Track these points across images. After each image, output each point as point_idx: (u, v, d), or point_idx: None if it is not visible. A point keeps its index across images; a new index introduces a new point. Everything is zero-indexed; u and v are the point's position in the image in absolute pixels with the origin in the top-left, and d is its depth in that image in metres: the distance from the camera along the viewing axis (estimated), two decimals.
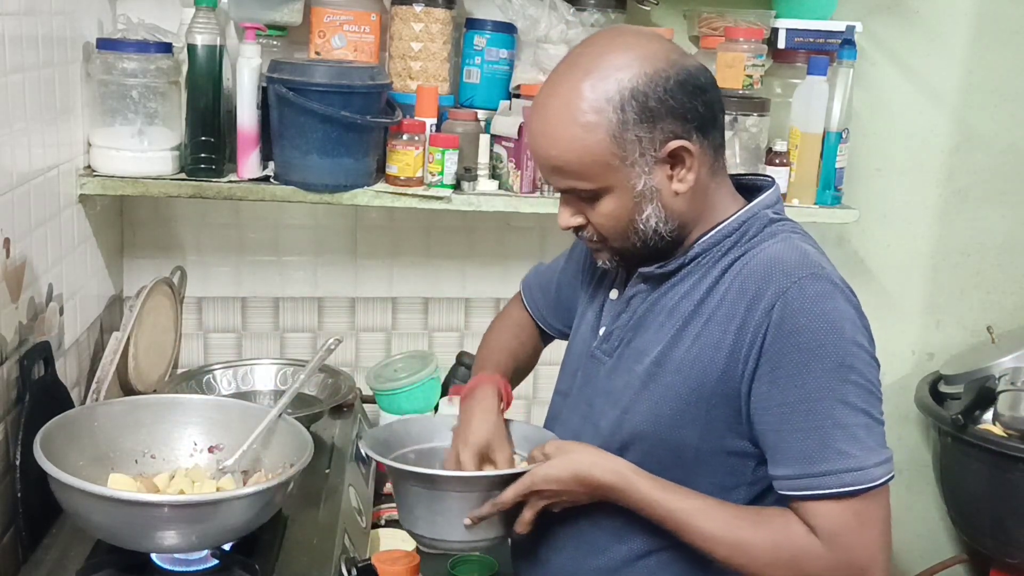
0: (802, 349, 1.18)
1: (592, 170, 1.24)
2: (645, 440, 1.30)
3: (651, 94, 1.21)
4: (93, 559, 1.41)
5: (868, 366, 1.21)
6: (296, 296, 2.33)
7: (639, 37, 1.28)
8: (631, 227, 1.27)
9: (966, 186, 2.53)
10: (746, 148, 2.11)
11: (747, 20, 2.16)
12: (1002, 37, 2.46)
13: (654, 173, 1.24)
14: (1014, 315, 2.61)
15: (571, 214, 1.31)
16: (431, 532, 1.39)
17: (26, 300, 1.59)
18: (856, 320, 1.22)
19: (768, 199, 1.33)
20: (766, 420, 1.22)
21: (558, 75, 1.26)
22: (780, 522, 1.21)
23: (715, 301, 1.26)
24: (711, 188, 1.29)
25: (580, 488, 1.29)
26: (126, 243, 2.24)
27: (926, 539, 2.71)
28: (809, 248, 1.27)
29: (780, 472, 1.21)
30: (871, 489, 1.18)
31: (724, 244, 1.29)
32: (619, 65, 1.22)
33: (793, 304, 1.19)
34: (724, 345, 1.24)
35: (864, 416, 1.19)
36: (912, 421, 2.65)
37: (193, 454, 1.57)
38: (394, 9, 2.09)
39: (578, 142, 1.23)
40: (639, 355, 1.32)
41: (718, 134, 1.28)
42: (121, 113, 1.89)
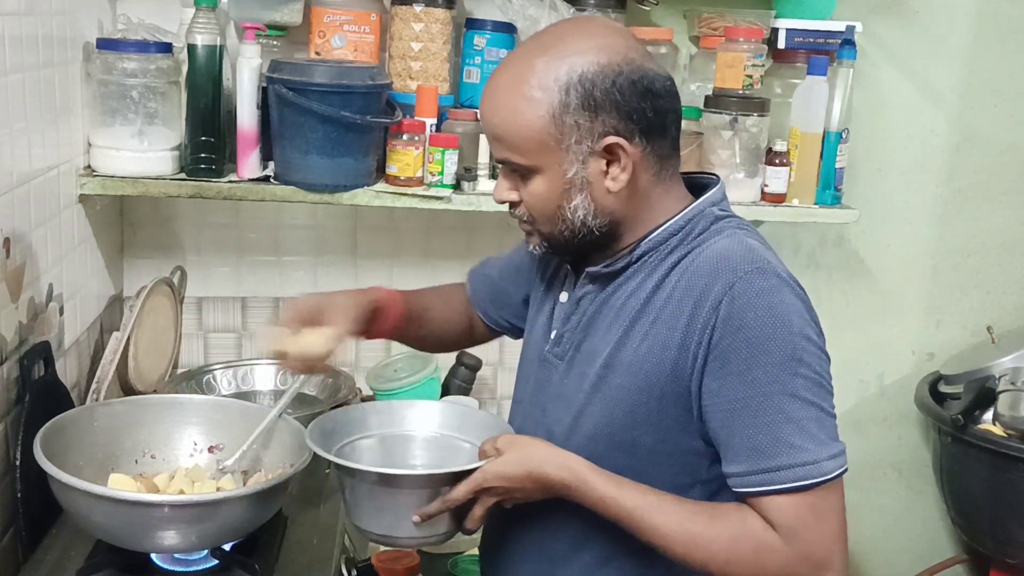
0: (750, 344, 1.18)
1: (527, 146, 1.24)
2: (598, 443, 1.29)
3: (598, 84, 1.21)
4: (93, 559, 1.41)
5: (817, 359, 1.20)
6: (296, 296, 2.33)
7: (605, 28, 1.29)
8: (559, 213, 1.27)
9: (966, 186, 2.53)
10: (746, 148, 2.11)
11: (747, 20, 2.16)
12: (1002, 37, 2.46)
13: (588, 164, 1.24)
14: (1014, 315, 2.61)
15: (507, 188, 1.31)
16: (379, 528, 1.36)
17: (26, 300, 1.59)
18: (804, 313, 1.21)
19: (714, 196, 1.32)
20: (717, 417, 1.21)
21: (520, 48, 1.29)
22: (737, 516, 1.20)
23: (662, 299, 1.26)
24: (654, 193, 1.29)
25: (532, 485, 1.27)
26: (126, 243, 2.24)
27: (926, 539, 2.71)
28: (755, 243, 1.26)
29: (733, 469, 1.20)
30: (825, 482, 1.17)
31: (670, 242, 1.28)
32: (576, 50, 1.22)
33: (740, 299, 1.19)
34: (672, 343, 1.23)
35: (814, 409, 1.18)
36: (912, 421, 2.65)
37: (193, 454, 1.57)
38: (394, 9, 2.09)
39: (519, 115, 1.23)
40: (590, 357, 1.31)
41: (666, 144, 1.27)
42: (121, 113, 1.89)
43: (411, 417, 1.49)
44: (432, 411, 1.50)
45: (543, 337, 1.41)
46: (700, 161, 2.10)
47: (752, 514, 1.19)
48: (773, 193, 2.13)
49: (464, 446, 1.44)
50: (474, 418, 1.49)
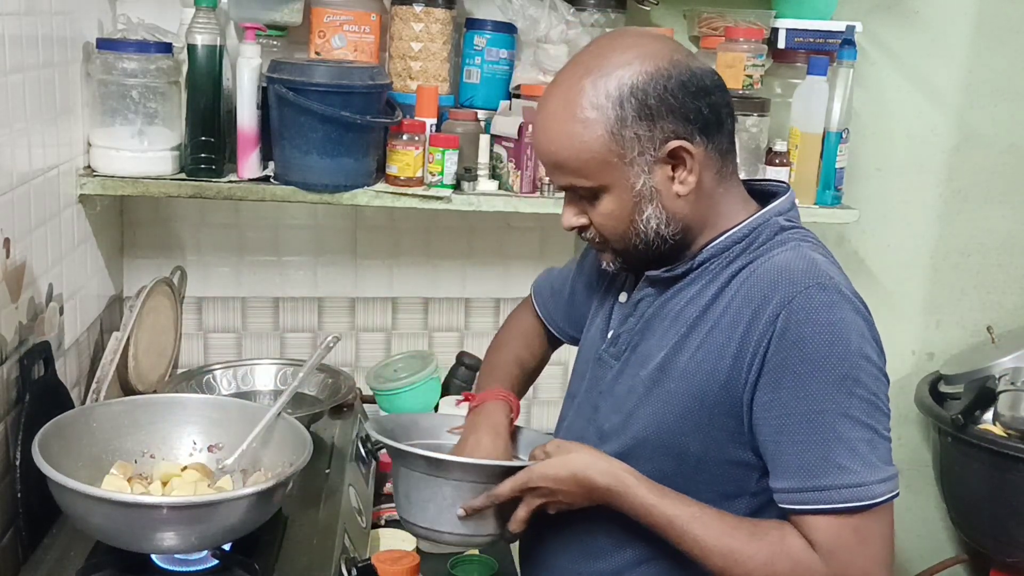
0: (806, 360, 1.17)
1: (590, 167, 1.24)
2: (647, 446, 1.29)
3: (651, 92, 1.21)
4: (93, 559, 1.41)
5: (875, 380, 1.19)
6: (296, 296, 2.33)
7: (642, 37, 1.28)
8: (632, 228, 1.26)
9: (966, 186, 2.53)
10: (746, 148, 2.11)
11: (747, 20, 2.16)
12: (1002, 37, 2.46)
13: (654, 173, 1.23)
14: (1014, 315, 2.61)
15: (574, 214, 1.31)
16: (424, 520, 1.38)
17: (26, 300, 1.59)
18: (865, 332, 1.20)
19: (781, 206, 1.31)
20: (767, 431, 1.21)
21: (562, 74, 1.27)
22: (776, 535, 1.20)
23: (720, 308, 1.25)
24: (718, 193, 1.28)
25: (576, 488, 1.28)
26: (126, 243, 2.24)
27: (926, 539, 2.71)
28: (819, 257, 1.25)
29: (780, 484, 1.20)
30: (872, 506, 1.17)
31: (733, 250, 1.28)
32: (620, 63, 1.22)
33: (798, 314, 1.18)
34: (728, 353, 1.22)
35: (868, 431, 1.18)
36: (912, 421, 2.65)
37: (193, 454, 1.57)
38: (394, 9, 2.09)
39: (576, 138, 1.23)
40: (644, 360, 1.32)
41: (724, 139, 1.27)
42: (121, 113, 1.89)
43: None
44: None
45: (600, 336, 1.41)
46: None
47: (793, 532, 1.19)
48: None
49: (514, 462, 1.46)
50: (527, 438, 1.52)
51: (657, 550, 1.30)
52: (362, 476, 1.87)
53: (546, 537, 1.41)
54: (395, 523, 1.94)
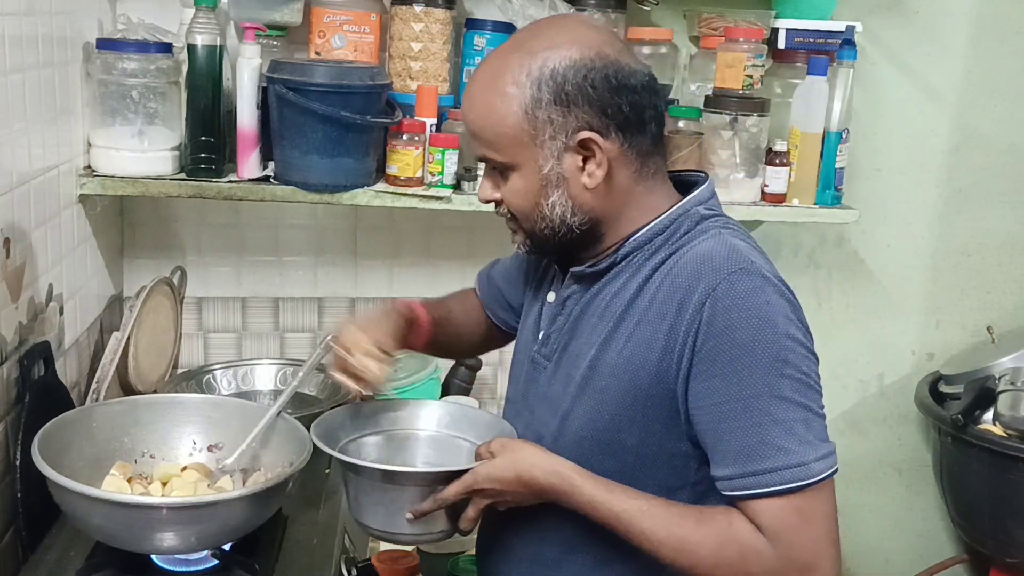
0: (735, 346, 1.17)
1: (502, 142, 1.25)
2: (584, 445, 1.29)
3: (570, 78, 1.21)
4: (93, 559, 1.41)
5: (804, 359, 1.19)
6: (296, 296, 2.33)
7: (580, 25, 1.29)
8: (537, 211, 1.27)
9: (966, 186, 2.53)
10: (746, 148, 2.11)
11: (747, 20, 2.16)
12: (1002, 37, 2.46)
13: (563, 160, 1.24)
14: (1014, 315, 2.61)
15: (490, 188, 1.32)
16: (377, 523, 1.38)
17: (26, 300, 1.59)
18: (789, 313, 1.20)
19: (701, 195, 1.31)
20: (704, 420, 1.20)
21: (500, 47, 1.30)
22: (723, 520, 1.20)
23: (645, 300, 1.25)
24: (637, 191, 1.28)
25: (522, 488, 1.28)
26: (126, 243, 2.24)
27: (926, 539, 2.71)
28: (740, 243, 1.25)
29: (720, 472, 1.20)
30: (813, 484, 1.16)
31: (655, 242, 1.28)
32: (548, 45, 1.23)
33: (723, 301, 1.18)
34: (656, 346, 1.22)
35: (802, 410, 1.17)
36: (912, 421, 2.65)
37: (193, 454, 1.57)
38: (394, 9, 2.09)
39: (493, 111, 1.24)
40: (575, 359, 1.31)
41: (646, 140, 1.27)
42: (121, 113, 1.89)
43: (417, 416, 1.51)
44: (437, 411, 1.52)
45: (532, 337, 1.41)
46: (700, 161, 2.10)
47: (739, 517, 1.19)
48: (773, 193, 2.13)
49: (466, 446, 1.45)
50: (478, 419, 1.50)
51: (609, 555, 1.30)
52: None
53: (498, 549, 1.41)
54: None
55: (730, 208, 2.10)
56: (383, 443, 1.49)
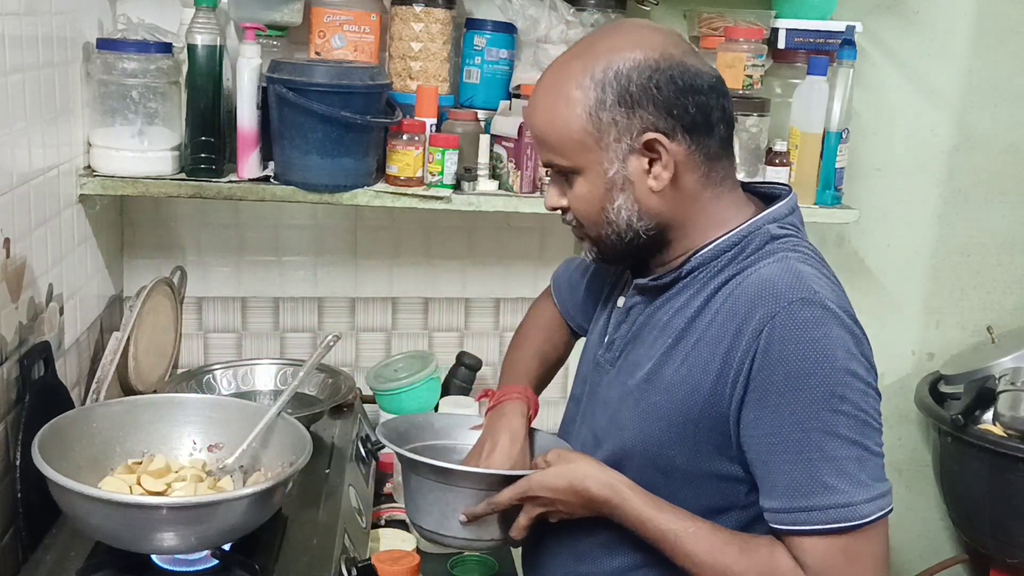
0: (789, 377, 1.15)
1: (567, 146, 1.24)
2: (634, 457, 1.29)
3: (635, 79, 1.20)
4: (93, 559, 1.41)
5: (863, 395, 1.17)
6: (296, 296, 2.33)
7: (644, 28, 1.28)
8: (603, 215, 1.26)
9: (966, 186, 2.53)
10: (746, 148, 2.11)
11: (747, 20, 2.16)
12: (1002, 37, 2.46)
13: (629, 162, 1.23)
14: (1014, 315, 2.61)
15: (556, 195, 1.31)
16: (430, 524, 1.41)
17: (26, 300, 1.59)
18: (851, 348, 1.17)
19: (777, 212, 1.29)
20: (755, 449, 1.19)
21: (563, 53, 1.29)
22: (766, 552, 1.19)
23: (706, 320, 1.24)
24: (704, 197, 1.26)
25: (574, 499, 1.28)
26: (126, 243, 2.24)
27: (926, 539, 2.71)
28: (806, 269, 1.22)
29: (768, 504, 1.19)
30: (861, 526, 1.14)
31: (721, 259, 1.26)
32: (611, 48, 1.22)
33: (781, 330, 1.16)
34: (712, 368, 1.21)
35: (856, 448, 1.15)
36: (912, 421, 2.65)
37: (193, 454, 1.57)
38: (394, 9, 2.09)
39: (558, 115, 1.23)
40: (633, 368, 1.31)
41: (713, 142, 1.25)
42: (121, 113, 1.89)
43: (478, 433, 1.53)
44: None
45: (599, 339, 1.41)
46: None
47: (783, 552, 1.18)
48: None
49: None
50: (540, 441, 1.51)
51: (647, 558, 1.30)
52: (362, 476, 1.87)
53: (541, 539, 1.42)
54: (395, 523, 1.95)
55: None
56: (446, 452, 1.52)
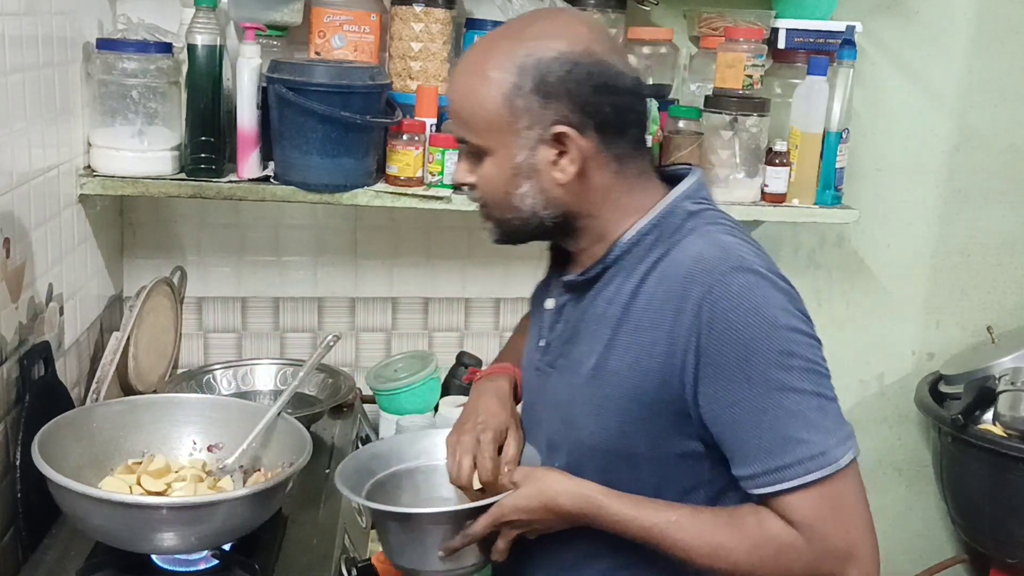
0: (738, 345, 1.16)
1: (479, 125, 1.25)
2: (595, 455, 1.29)
3: (554, 70, 1.21)
4: (93, 559, 1.41)
5: (809, 347, 1.18)
6: (296, 296, 2.33)
7: (573, 19, 1.28)
8: (507, 199, 1.26)
9: (966, 186, 2.53)
10: (746, 148, 2.11)
11: (747, 20, 2.16)
12: (1002, 37, 2.46)
13: (537, 151, 1.23)
14: (1014, 315, 2.61)
15: (464, 170, 1.31)
16: (410, 563, 1.36)
17: (26, 300, 1.59)
18: (787, 305, 1.19)
19: (687, 189, 1.29)
20: (720, 422, 1.19)
21: (491, 32, 1.30)
22: (753, 521, 1.19)
23: (641, 304, 1.24)
24: (614, 192, 1.27)
25: (550, 516, 1.27)
26: (126, 243, 2.24)
27: (926, 539, 2.71)
28: (729, 239, 1.23)
29: (744, 472, 1.19)
30: (838, 471, 1.15)
31: (644, 242, 1.26)
32: (537, 34, 1.23)
33: (720, 302, 1.17)
34: (657, 351, 1.21)
35: (815, 398, 1.17)
36: (912, 421, 2.65)
37: (193, 454, 1.58)
38: (394, 9, 2.09)
39: (474, 92, 1.24)
40: (577, 366, 1.30)
41: (626, 143, 1.26)
42: (121, 113, 1.89)
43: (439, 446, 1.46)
44: None
45: (535, 345, 1.40)
46: (700, 161, 2.10)
47: (770, 516, 1.18)
48: (773, 193, 2.13)
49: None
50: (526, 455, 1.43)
51: (630, 558, 1.29)
52: None
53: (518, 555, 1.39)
54: None
55: (730, 208, 2.11)
56: (409, 478, 1.46)
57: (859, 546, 1.17)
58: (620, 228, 1.28)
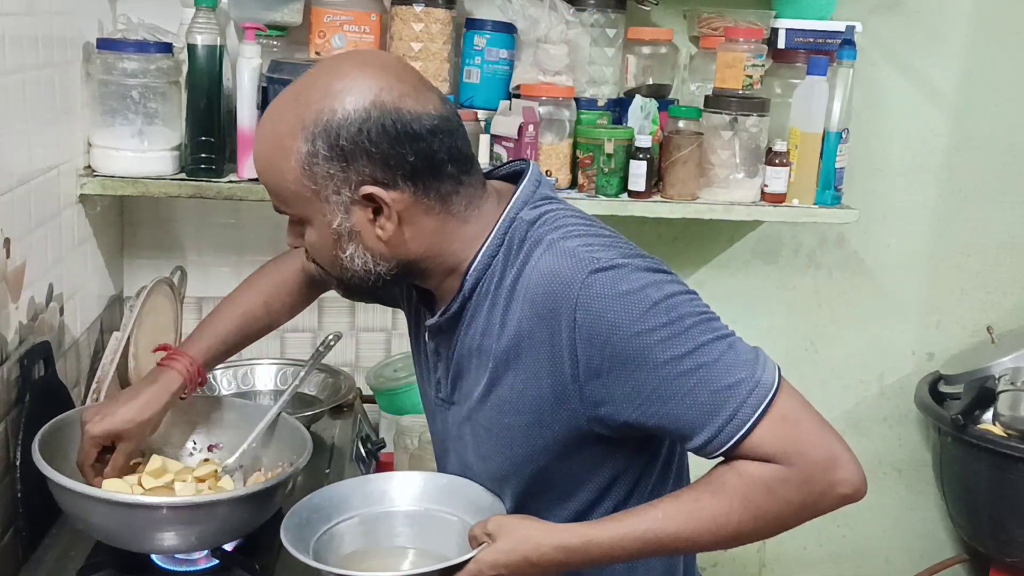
0: (631, 337, 1.13)
1: (287, 196, 1.20)
2: (511, 481, 1.28)
3: (343, 133, 1.14)
4: (93, 559, 1.41)
5: (690, 302, 1.17)
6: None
7: (357, 67, 1.20)
8: (338, 262, 1.22)
9: (966, 186, 2.53)
10: (746, 148, 2.11)
11: (747, 20, 2.16)
12: (1002, 37, 2.46)
13: (352, 214, 1.18)
14: (1014, 315, 2.61)
15: (293, 235, 1.27)
16: None
17: (26, 300, 1.59)
18: (654, 279, 1.16)
19: (523, 195, 1.25)
20: (649, 413, 1.17)
21: (286, 90, 1.23)
22: (732, 476, 1.17)
23: (513, 331, 1.21)
24: (448, 227, 1.22)
25: (531, 569, 1.22)
26: (126, 243, 2.24)
27: (926, 539, 2.71)
28: (574, 243, 1.18)
29: (699, 441, 1.16)
30: (778, 391, 1.15)
31: (495, 265, 1.23)
32: (324, 94, 1.16)
33: (593, 306, 1.14)
34: (544, 374, 1.19)
35: (720, 341, 1.15)
36: (912, 421, 2.65)
37: (193, 453, 1.58)
38: (394, 9, 2.09)
39: (274, 164, 1.19)
40: (470, 401, 1.28)
41: (445, 182, 1.20)
42: (121, 113, 1.89)
43: (390, 492, 1.38)
44: (411, 483, 1.39)
45: (428, 379, 1.37)
46: (700, 161, 2.10)
47: (744, 463, 1.16)
48: (773, 193, 2.13)
49: (450, 519, 1.33)
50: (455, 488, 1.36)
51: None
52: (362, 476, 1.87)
53: None
54: None
55: (730, 208, 2.12)
56: (360, 528, 1.34)
57: (833, 446, 1.15)
58: (466, 256, 1.24)
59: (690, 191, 2.10)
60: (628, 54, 2.19)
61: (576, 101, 2.10)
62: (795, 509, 1.17)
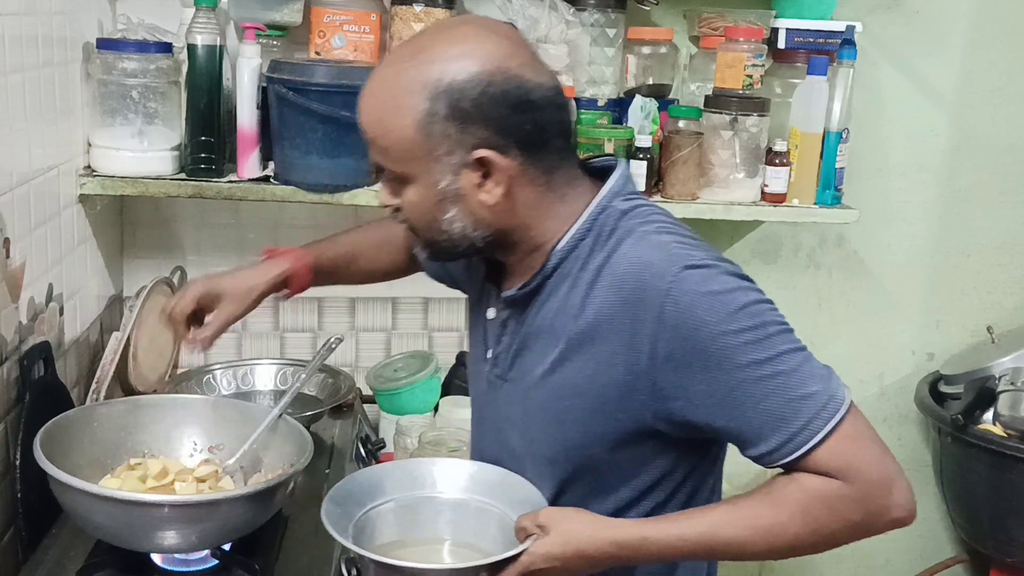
0: (716, 336, 1.14)
1: (396, 153, 1.20)
2: (558, 466, 1.27)
3: (467, 94, 1.15)
4: (93, 559, 1.41)
5: (772, 311, 1.18)
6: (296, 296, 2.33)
7: (480, 31, 1.21)
8: (435, 224, 1.22)
9: (966, 186, 2.53)
10: (746, 148, 2.11)
11: (747, 20, 2.16)
12: (1002, 37, 2.46)
13: (460, 176, 1.18)
14: (1014, 315, 2.61)
15: (387, 193, 1.26)
16: None
17: (26, 300, 1.59)
18: (740, 283, 1.18)
19: (615, 186, 1.26)
20: (720, 414, 1.17)
21: (396, 49, 1.25)
22: (793, 488, 1.17)
23: (592, 314, 1.21)
24: (545, 202, 1.23)
25: (582, 562, 1.21)
26: (126, 243, 2.24)
27: (926, 539, 2.71)
28: (667, 239, 1.20)
29: (762, 450, 1.16)
30: (849, 409, 1.16)
31: (581, 248, 1.23)
32: (446, 56, 1.16)
33: (681, 302, 1.15)
34: (617, 362, 1.19)
35: (798, 352, 1.16)
36: (912, 421, 2.65)
37: (193, 454, 1.58)
38: (394, 9, 2.09)
39: (386, 121, 1.19)
40: (530, 379, 1.28)
41: (552, 156, 1.21)
42: (121, 113, 1.89)
43: (434, 477, 1.36)
44: (456, 471, 1.37)
45: (482, 356, 1.37)
46: (700, 161, 2.10)
47: (804, 477, 1.16)
48: (773, 193, 2.13)
49: (493, 512, 1.31)
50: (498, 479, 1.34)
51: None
52: None
53: None
54: None
55: (730, 208, 2.12)
56: (401, 512, 1.33)
57: (892, 469, 1.18)
58: (554, 236, 1.25)
59: (690, 191, 2.10)
60: (628, 54, 2.19)
61: (576, 101, 2.10)
62: (850, 527, 1.18)
